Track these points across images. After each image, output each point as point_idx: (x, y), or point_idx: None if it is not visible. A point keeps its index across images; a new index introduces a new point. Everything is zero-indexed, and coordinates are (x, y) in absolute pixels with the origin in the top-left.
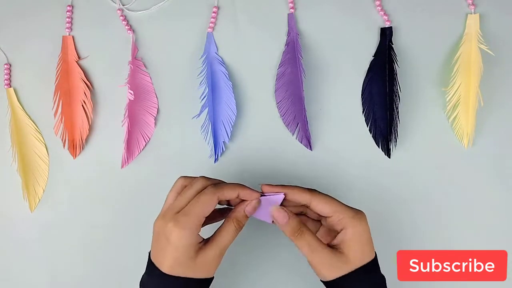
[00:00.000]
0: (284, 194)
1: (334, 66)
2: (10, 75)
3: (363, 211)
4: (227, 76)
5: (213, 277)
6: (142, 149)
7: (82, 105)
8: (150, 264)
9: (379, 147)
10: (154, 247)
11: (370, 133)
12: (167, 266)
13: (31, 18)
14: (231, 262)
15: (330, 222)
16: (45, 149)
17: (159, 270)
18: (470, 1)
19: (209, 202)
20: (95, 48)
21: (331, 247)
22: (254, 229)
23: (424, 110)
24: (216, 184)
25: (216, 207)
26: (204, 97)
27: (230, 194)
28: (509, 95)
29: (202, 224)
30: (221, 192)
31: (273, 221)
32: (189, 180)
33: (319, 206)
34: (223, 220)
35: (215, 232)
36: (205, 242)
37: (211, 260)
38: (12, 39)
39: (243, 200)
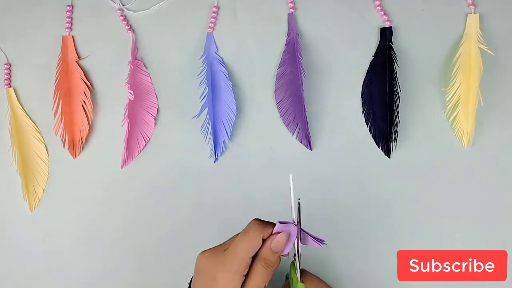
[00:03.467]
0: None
1: (334, 66)
2: (10, 75)
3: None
4: (227, 76)
5: None
6: (142, 149)
7: (82, 105)
8: None
9: (379, 147)
10: (198, 283)
11: (370, 133)
12: None
13: (31, 18)
14: None
15: None
16: (45, 149)
17: None
18: (470, 1)
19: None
20: (95, 48)
21: None
22: None
23: (424, 110)
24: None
25: None
26: (204, 97)
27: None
28: (509, 95)
29: None
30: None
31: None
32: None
33: None
34: None
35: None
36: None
37: None
38: (12, 39)
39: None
